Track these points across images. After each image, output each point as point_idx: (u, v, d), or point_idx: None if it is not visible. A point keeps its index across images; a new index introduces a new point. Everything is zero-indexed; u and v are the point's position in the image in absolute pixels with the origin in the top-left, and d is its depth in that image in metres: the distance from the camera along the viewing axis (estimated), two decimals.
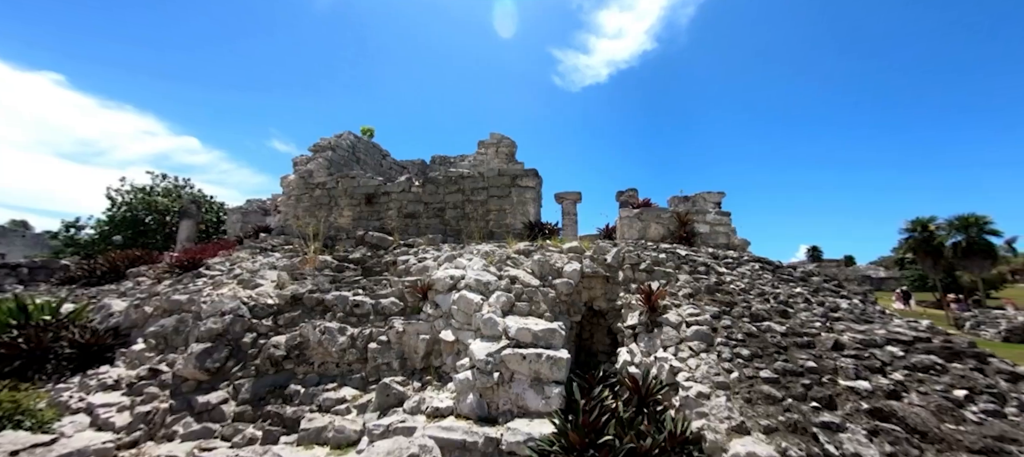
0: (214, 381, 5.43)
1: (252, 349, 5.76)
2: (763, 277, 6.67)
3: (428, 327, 5.58)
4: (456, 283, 5.88)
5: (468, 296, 5.35)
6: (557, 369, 4.30)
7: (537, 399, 4.19)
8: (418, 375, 5.29)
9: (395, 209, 9.43)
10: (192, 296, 6.50)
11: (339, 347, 5.53)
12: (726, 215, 8.88)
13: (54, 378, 5.67)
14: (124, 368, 5.84)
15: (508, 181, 8.83)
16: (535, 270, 5.98)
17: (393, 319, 5.83)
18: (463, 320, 5.32)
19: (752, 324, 4.95)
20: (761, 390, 3.85)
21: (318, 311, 6.22)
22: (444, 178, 9.21)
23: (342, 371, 5.52)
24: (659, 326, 5.08)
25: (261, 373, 5.51)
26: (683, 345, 4.69)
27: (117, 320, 6.69)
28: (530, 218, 8.70)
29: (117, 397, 5.26)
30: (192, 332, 5.92)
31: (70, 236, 20.21)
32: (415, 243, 8.31)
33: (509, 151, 16.20)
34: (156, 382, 5.34)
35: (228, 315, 5.85)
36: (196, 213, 14.57)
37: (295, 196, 10.25)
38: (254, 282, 6.84)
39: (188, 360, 5.36)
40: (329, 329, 5.65)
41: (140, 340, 6.24)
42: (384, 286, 6.59)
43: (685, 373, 4.27)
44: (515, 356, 4.43)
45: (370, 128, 14.08)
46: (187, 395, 5.26)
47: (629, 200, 14.53)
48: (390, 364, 5.43)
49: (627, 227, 8.93)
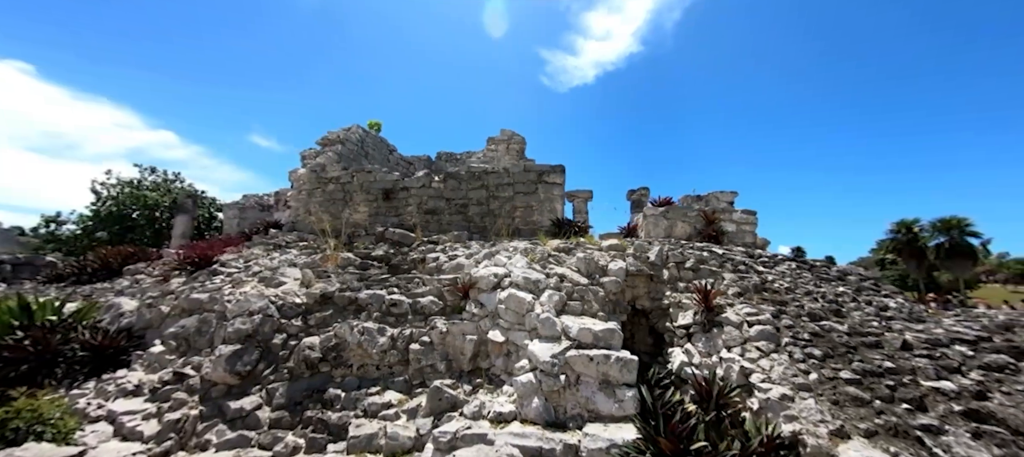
0: (245, 385, 5.08)
1: (283, 351, 5.42)
2: (803, 276, 6.60)
3: (473, 327, 5.33)
4: (500, 281, 5.64)
5: (519, 295, 5.12)
6: (627, 371, 4.11)
7: (608, 403, 3.99)
8: (466, 377, 5.04)
9: (414, 205, 9.11)
10: (212, 295, 6.10)
11: (380, 348, 5.24)
12: (752, 214, 8.83)
13: (66, 383, 5.23)
14: (143, 372, 5.43)
15: (534, 178, 8.61)
16: (581, 268, 5.78)
17: (434, 319, 5.56)
18: (513, 320, 5.08)
19: (813, 324, 4.84)
20: (846, 391, 3.73)
21: (351, 310, 5.90)
22: (466, 174, 8.93)
23: (383, 373, 5.23)
24: (719, 326, 4.93)
25: (295, 376, 5.18)
26: (749, 345, 4.55)
27: (129, 320, 6.25)
28: (557, 215, 8.50)
29: (140, 403, 4.87)
30: (217, 333, 5.55)
31: (51, 232, 19.19)
32: (440, 240, 8.01)
33: (520, 148, 16.03)
34: (182, 387, 4.96)
35: (257, 315, 5.49)
36: (192, 208, 13.95)
37: (306, 191, 9.84)
38: (277, 280, 6.48)
39: (217, 363, 5.00)
40: (368, 329, 5.35)
41: (157, 342, 5.82)
42: (419, 284, 6.31)
43: (759, 374, 4.12)
44: (581, 358, 4.22)
45: (377, 122, 13.68)
46: (217, 401, 4.91)
47: (640, 198, 14.46)
48: (434, 366, 5.16)
49: (652, 225, 8.80)
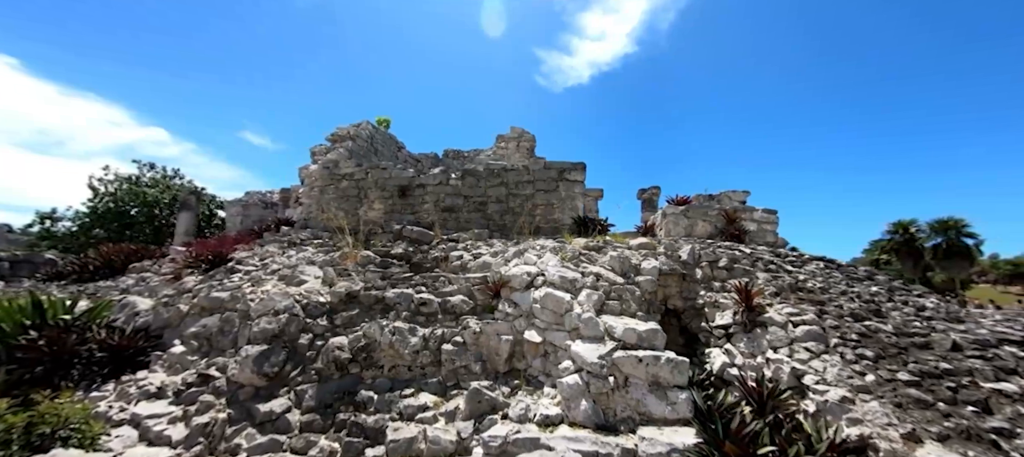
0: (272, 387, 4.90)
1: (310, 351, 5.24)
2: (833, 276, 6.54)
3: (508, 327, 5.19)
4: (533, 280, 5.51)
5: (556, 294, 4.99)
6: (678, 373, 3.99)
7: (660, 405, 3.87)
8: (503, 379, 4.90)
9: (431, 202, 8.94)
10: (233, 294, 5.90)
11: (412, 349, 5.08)
12: (773, 213, 8.77)
13: (83, 386, 5.02)
14: (164, 373, 5.23)
15: (555, 175, 8.47)
16: (614, 267, 5.66)
17: (466, 319, 5.41)
18: (551, 320, 4.95)
19: (857, 324, 4.76)
20: (907, 394, 3.64)
21: (377, 310, 5.74)
22: (485, 171, 8.78)
23: (415, 375, 5.07)
24: (762, 326, 4.83)
25: (324, 378, 5.01)
26: (797, 346, 4.45)
27: (145, 319, 6.03)
28: (578, 213, 8.37)
29: (164, 407, 4.68)
30: (241, 333, 5.36)
31: (46, 229, 18.75)
32: (460, 238, 7.86)
33: (530, 145, 15.90)
34: (208, 389, 4.77)
35: (282, 314, 5.31)
36: (195, 205, 13.66)
37: (318, 187, 9.63)
38: (298, 278, 6.29)
39: (244, 364, 4.81)
40: (399, 329, 5.19)
41: (177, 342, 5.62)
42: (445, 283, 6.15)
43: (812, 376, 4.03)
44: (629, 359, 4.10)
45: (386, 119, 13.48)
46: (245, 403, 4.72)
47: (651, 197, 14.40)
48: (468, 367, 5.01)
49: (672, 224, 8.71)
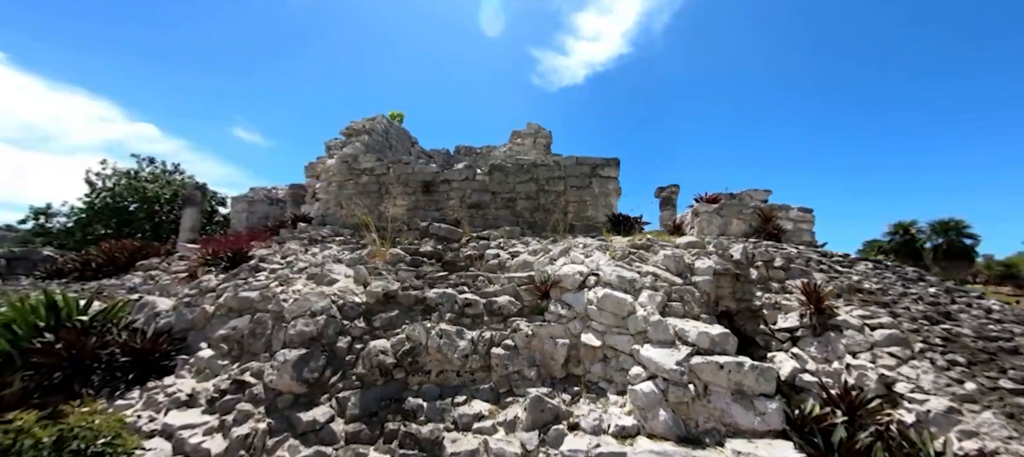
0: (312, 394, 4.56)
1: (349, 355, 4.90)
2: (885, 276, 6.32)
3: (562, 330, 4.89)
4: (585, 280, 5.22)
5: (616, 295, 4.69)
6: (764, 381, 3.72)
7: (747, 415, 3.59)
8: (560, 385, 4.60)
9: (457, 198, 8.61)
10: (263, 293, 5.54)
11: (461, 353, 4.76)
12: (808, 211, 8.54)
13: (105, 392, 4.64)
14: (193, 379, 4.87)
15: (588, 171, 8.19)
16: (669, 266, 5.38)
17: (515, 320, 5.10)
18: (611, 322, 4.66)
19: (936, 327, 4.53)
20: (1017, 403, 3.39)
21: (418, 311, 5.41)
22: (514, 166, 8.46)
23: (464, 381, 4.75)
24: (835, 329, 4.58)
25: (367, 384, 4.67)
26: (878, 350, 4.20)
27: (167, 321, 5.64)
28: (613, 210, 8.09)
29: (198, 416, 4.32)
30: (275, 335, 5.00)
31: (40, 224, 18.12)
32: (490, 235, 7.54)
33: (546, 141, 15.59)
34: (245, 396, 4.42)
35: (320, 316, 4.97)
36: (201, 201, 13.20)
37: (337, 182, 9.25)
38: (329, 277, 5.94)
39: (282, 369, 4.47)
40: (446, 332, 4.87)
41: (204, 345, 5.25)
42: (486, 283, 5.84)
43: (904, 383, 3.77)
44: (709, 365, 3.82)
45: (400, 113, 13.11)
46: (284, 412, 4.37)
47: (670, 196, 14.15)
48: (521, 372, 4.71)
49: (706, 222, 8.46)
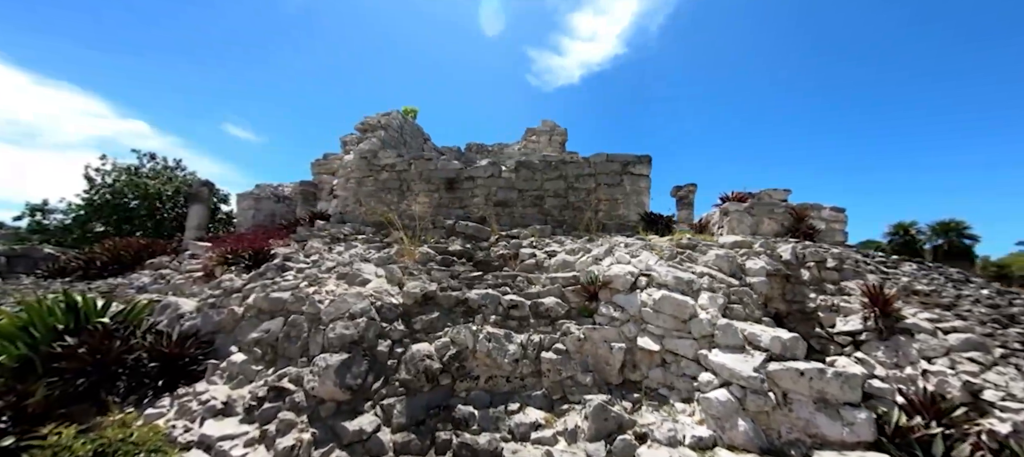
0: (355, 401, 4.29)
1: (390, 359, 4.64)
2: (933, 277, 6.16)
3: (616, 333, 4.66)
4: (636, 280, 4.99)
5: (676, 297, 4.47)
6: (849, 389, 3.51)
7: (834, 426, 3.38)
8: (617, 392, 4.37)
9: (482, 196, 8.36)
10: (295, 294, 5.26)
11: (511, 358, 4.52)
12: (841, 211, 8.39)
13: (132, 400, 4.35)
14: (225, 385, 4.58)
15: (619, 168, 7.97)
16: (722, 267, 5.17)
17: (563, 323, 4.87)
18: (670, 325, 4.44)
19: (1011, 330, 4.35)
20: None
21: (459, 312, 5.17)
22: (541, 163, 8.23)
23: (514, 387, 4.51)
24: (905, 333, 4.38)
25: (412, 390, 4.42)
26: (956, 355, 4.01)
27: (192, 323, 5.35)
28: (645, 208, 7.89)
29: (236, 425, 4.04)
30: (313, 339, 4.73)
31: (37, 222, 17.61)
32: (520, 234, 7.31)
33: (562, 139, 15.35)
34: (286, 404, 4.15)
35: (360, 318, 4.70)
36: (208, 197, 12.83)
37: (355, 179, 8.96)
38: (361, 277, 5.67)
39: (324, 375, 4.20)
40: (495, 335, 4.62)
41: (234, 348, 4.97)
42: (527, 283, 5.60)
43: (992, 391, 3.58)
44: (788, 372, 3.60)
45: (414, 109, 12.82)
46: (328, 421, 4.11)
47: (687, 195, 13.97)
48: (575, 378, 4.47)
49: (737, 222, 8.27)
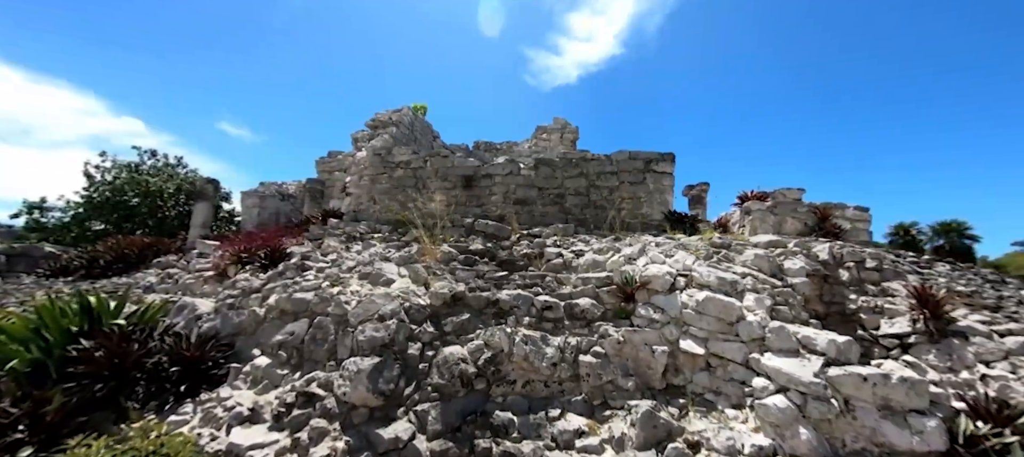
0: (388, 407, 4.10)
1: (421, 363, 4.45)
2: (967, 277, 6.04)
3: (656, 336, 4.49)
4: (675, 281, 4.82)
5: (721, 298, 4.31)
6: (916, 395, 3.35)
7: (902, 434, 3.22)
8: (661, 397, 4.20)
9: (500, 194, 8.17)
10: (319, 295, 5.06)
11: (549, 361, 4.34)
12: (865, 210, 8.27)
13: (153, 407, 4.14)
14: (249, 390, 4.38)
15: (641, 166, 7.81)
16: (762, 267, 5.01)
17: (600, 325, 4.70)
18: (715, 327, 4.27)
19: None
20: None
21: (490, 314, 4.98)
22: (562, 161, 8.05)
23: (552, 392, 4.33)
24: (959, 336, 4.24)
25: (446, 395, 4.23)
26: (1015, 359, 3.87)
27: (211, 325, 5.14)
28: (669, 206, 7.73)
29: (264, 433, 3.84)
30: (340, 342, 4.53)
31: (35, 220, 17.29)
32: (542, 233, 7.13)
33: (573, 137, 15.18)
34: (316, 411, 3.95)
35: (390, 320, 4.51)
36: (213, 195, 12.58)
37: (369, 176, 8.75)
38: (385, 277, 5.48)
39: (356, 380, 4.01)
40: (531, 338, 4.44)
41: (257, 351, 4.77)
42: (556, 284, 5.43)
43: None
44: (850, 377, 3.44)
45: (423, 105, 12.60)
46: (360, 428, 3.91)
47: (700, 194, 13.85)
48: (615, 382, 4.30)
49: (759, 221, 8.13)
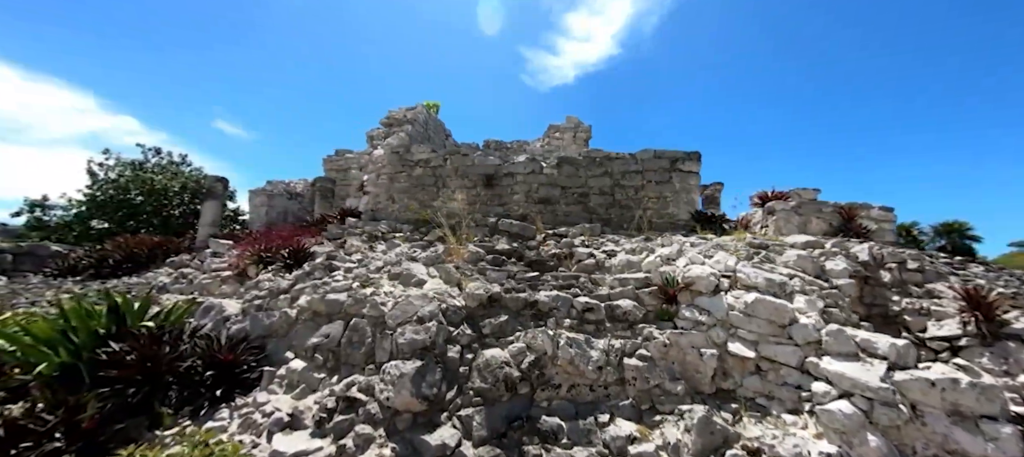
0: (431, 413, 3.97)
1: (461, 366, 4.32)
2: (1004, 278, 5.97)
3: (704, 338, 4.38)
4: (719, 282, 4.72)
5: (772, 300, 4.20)
6: (987, 400, 3.25)
7: (975, 441, 3.13)
8: (712, 402, 4.09)
9: (522, 193, 8.05)
10: (351, 296, 4.92)
11: (594, 365, 4.22)
12: (890, 211, 8.18)
13: (187, 412, 3.99)
14: (285, 394, 4.24)
15: (667, 165, 7.70)
16: (806, 268, 4.91)
17: (643, 327, 4.59)
18: (766, 330, 4.17)
19: None
20: None
21: (528, 315, 4.86)
22: (585, 159, 7.94)
23: (597, 396, 4.22)
24: (1016, 339, 4.14)
25: (489, 400, 4.10)
26: None
27: (240, 327, 4.99)
28: (695, 206, 7.63)
29: (307, 440, 3.70)
30: (379, 344, 4.40)
31: (37, 218, 17.02)
32: (568, 232, 7.01)
33: (586, 136, 15.06)
34: (360, 417, 3.82)
35: (430, 322, 4.38)
36: (222, 193, 12.39)
37: (387, 175, 8.61)
38: (416, 278, 5.35)
39: (399, 384, 3.88)
40: (576, 341, 4.32)
41: (290, 355, 4.63)
42: (591, 284, 5.31)
43: None
44: (918, 382, 3.35)
45: (436, 103, 12.46)
46: (405, 434, 3.79)
47: (714, 194, 13.78)
48: (663, 386, 4.19)
49: (784, 221, 8.03)
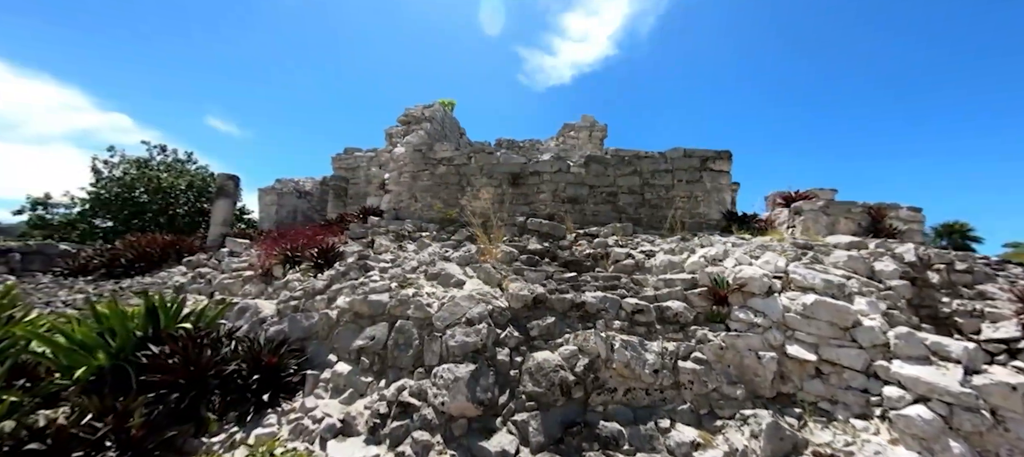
0: (486, 418, 3.85)
1: (512, 370, 4.20)
2: None
3: (761, 341, 4.28)
4: (771, 283, 4.62)
5: (833, 302, 4.11)
6: None
7: None
8: (773, 406, 3.99)
9: (548, 192, 7.93)
10: (394, 297, 4.79)
11: (650, 368, 4.11)
12: (918, 211, 8.13)
13: (232, 417, 3.85)
14: (332, 399, 4.10)
15: (698, 164, 7.61)
16: (857, 268, 4.83)
17: (695, 329, 4.48)
18: (827, 333, 4.07)
19: None
20: None
21: (574, 317, 4.74)
22: (614, 158, 7.83)
23: (653, 400, 4.11)
24: None
25: (544, 404, 3.98)
26: None
27: (278, 329, 4.84)
28: (726, 206, 7.54)
29: (362, 446, 3.57)
30: (427, 347, 4.27)
31: (39, 216, 16.73)
32: (599, 232, 6.91)
33: (602, 135, 14.95)
34: (416, 422, 3.69)
35: (479, 324, 4.26)
36: (234, 191, 12.19)
37: (410, 173, 8.46)
38: (455, 278, 5.23)
39: (454, 389, 3.75)
40: (631, 343, 4.21)
41: (333, 358, 4.49)
42: (635, 285, 5.21)
43: None
44: (998, 387, 3.27)
45: (451, 101, 12.31)
46: (462, 440, 3.66)
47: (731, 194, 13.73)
48: (720, 390, 4.09)
49: (812, 222, 7.97)
